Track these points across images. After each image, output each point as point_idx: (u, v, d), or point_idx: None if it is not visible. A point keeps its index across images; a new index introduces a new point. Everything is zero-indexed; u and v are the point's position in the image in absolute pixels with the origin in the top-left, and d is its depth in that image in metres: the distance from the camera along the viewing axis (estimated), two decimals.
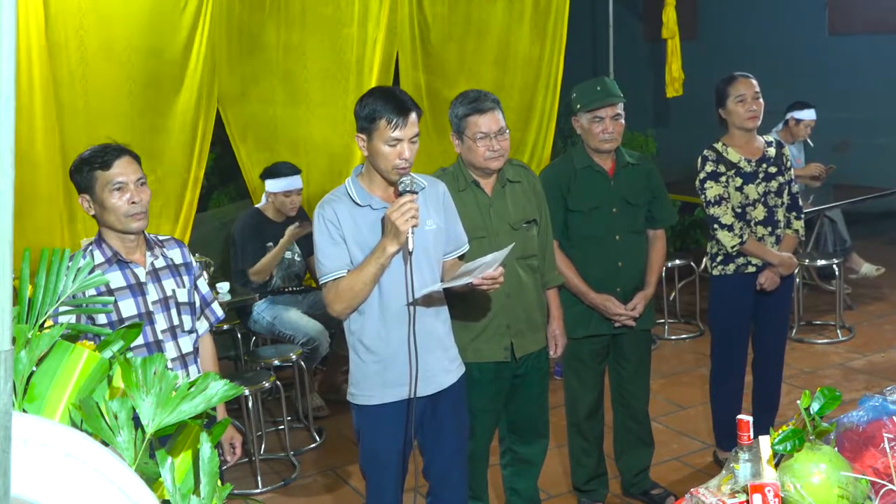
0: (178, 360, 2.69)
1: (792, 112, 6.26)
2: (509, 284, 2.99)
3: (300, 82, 5.60)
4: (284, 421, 4.60)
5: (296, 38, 5.52)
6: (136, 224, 2.59)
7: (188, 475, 1.03)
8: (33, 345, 0.99)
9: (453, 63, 6.22)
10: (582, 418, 3.70)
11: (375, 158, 2.61)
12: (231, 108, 5.40)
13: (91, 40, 4.74)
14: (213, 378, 1.01)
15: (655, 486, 3.85)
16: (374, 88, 2.72)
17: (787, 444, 1.78)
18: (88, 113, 4.79)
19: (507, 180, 3.20)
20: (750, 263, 3.86)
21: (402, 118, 2.55)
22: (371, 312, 2.69)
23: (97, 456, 0.88)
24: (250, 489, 4.17)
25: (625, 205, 3.54)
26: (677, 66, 6.76)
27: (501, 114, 3.10)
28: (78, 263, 1.12)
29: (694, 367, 5.38)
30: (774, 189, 3.85)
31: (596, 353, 3.65)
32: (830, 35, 8.77)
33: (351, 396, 2.80)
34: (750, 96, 3.76)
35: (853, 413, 1.92)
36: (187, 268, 2.78)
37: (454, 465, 2.89)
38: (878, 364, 5.25)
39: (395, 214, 2.49)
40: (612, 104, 3.45)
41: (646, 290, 3.61)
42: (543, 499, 3.64)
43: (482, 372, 3.15)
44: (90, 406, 0.96)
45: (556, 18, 6.50)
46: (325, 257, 2.65)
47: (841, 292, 5.98)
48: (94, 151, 2.59)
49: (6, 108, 0.74)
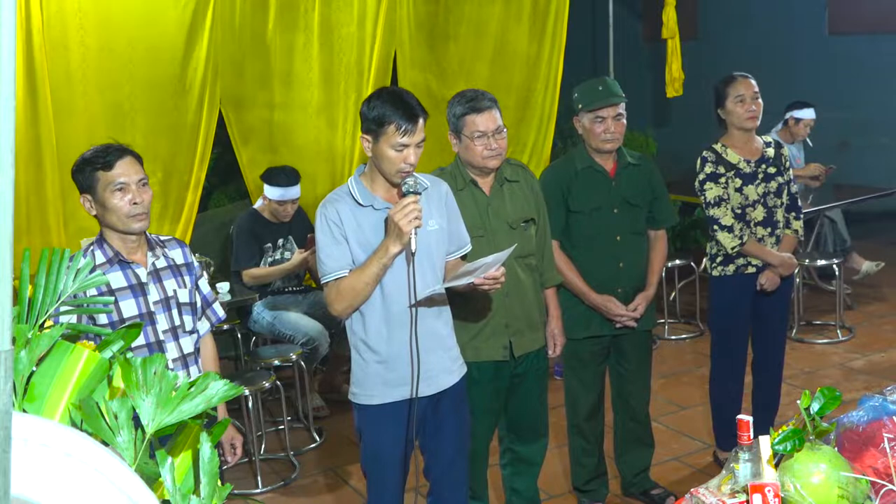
0: (180, 360, 2.69)
1: (791, 111, 6.27)
2: (508, 284, 2.98)
3: (301, 84, 5.60)
4: (284, 421, 4.60)
5: (297, 40, 5.52)
6: (138, 225, 2.59)
7: (188, 475, 1.03)
8: (33, 345, 0.99)
9: (452, 63, 6.21)
10: (582, 418, 3.70)
11: (380, 161, 2.61)
12: (234, 111, 5.40)
13: (91, 40, 4.74)
14: (213, 378, 1.01)
15: (655, 486, 3.85)
16: (382, 90, 2.69)
17: (787, 444, 1.78)
18: (89, 113, 4.79)
19: (505, 179, 3.21)
20: (750, 264, 3.86)
21: (411, 124, 2.55)
22: (373, 313, 2.69)
23: (97, 456, 0.88)
24: (250, 489, 4.18)
25: (626, 205, 3.54)
26: (677, 66, 6.75)
27: (499, 113, 3.10)
28: (78, 263, 1.12)
29: (694, 367, 5.38)
30: (774, 190, 3.85)
31: (596, 354, 3.65)
32: (830, 35, 8.77)
33: (352, 396, 2.80)
34: (749, 96, 3.76)
35: (853, 413, 1.92)
36: (189, 268, 2.78)
37: (455, 465, 2.90)
38: (878, 364, 5.25)
39: (399, 215, 2.49)
40: (613, 104, 3.44)
41: (647, 291, 3.61)
42: (543, 499, 3.64)
43: (481, 371, 3.15)
44: (90, 406, 0.96)
45: (555, 18, 6.50)
46: (326, 257, 2.65)
47: (841, 292, 5.98)
48: (97, 151, 2.59)
49: (6, 108, 0.74)
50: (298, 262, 4.74)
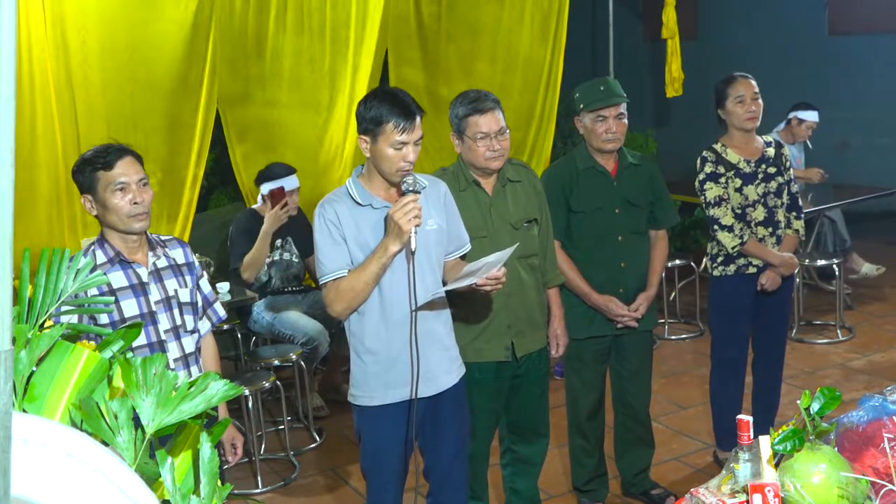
0: (181, 360, 2.69)
1: (796, 112, 6.27)
2: (510, 284, 2.98)
3: (299, 84, 5.60)
4: (284, 421, 4.60)
5: (296, 40, 5.52)
6: (139, 224, 2.59)
7: (188, 475, 1.03)
8: (33, 345, 0.99)
9: (452, 63, 6.21)
10: (583, 419, 3.70)
11: (378, 161, 2.61)
12: (230, 110, 5.40)
13: (93, 41, 4.74)
14: (213, 378, 1.02)
15: (655, 487, 3.85)
16: (378, 90, 2.71)
17: (787, 444, 1.78)
18: (89, 113, 4.79)
19: (507, 180, 3.21)
20: (750, 264, 3.86)
21: (408, 122, 2.55)
22: (372, 313, 2.68)
23: (97, 456, 0.88)
24: (250, 489, 4.18)
25: (627, 205, 3.54)
26: (677, 66, 6.75)
27: (501, 113, 3.10)
28: (78, 263, 1.12)
29: (694, 367, 5.38)
30: (774, 189, 3.85)
31: (598, 354, 3.65)
32: (830, 35, 8.77)
33: (352, 397, 2.80)
34: (749, 97, 3.76)
35: (853, 413, 1.92)
36: (190, 268, 2.78)
37: (455, 465, 2.89)
38: (878, 364, 5.25)
39: (398, 214, 2.49)
40: (615, 104, 3.45)
41: (648, 291, 3.61)
42: (543, 499, 3.64)
43: (483, 372, 3.15)
44: (90, 406, 0.96)
45: (556, 18, 6.50)
46: (325, 257, 2.65)
47: (841, 292, 5.97)
48: (97, 152, 2.59)
49: (6, 108, 0.75)
50: (272, 221, 4.69)
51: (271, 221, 4.69)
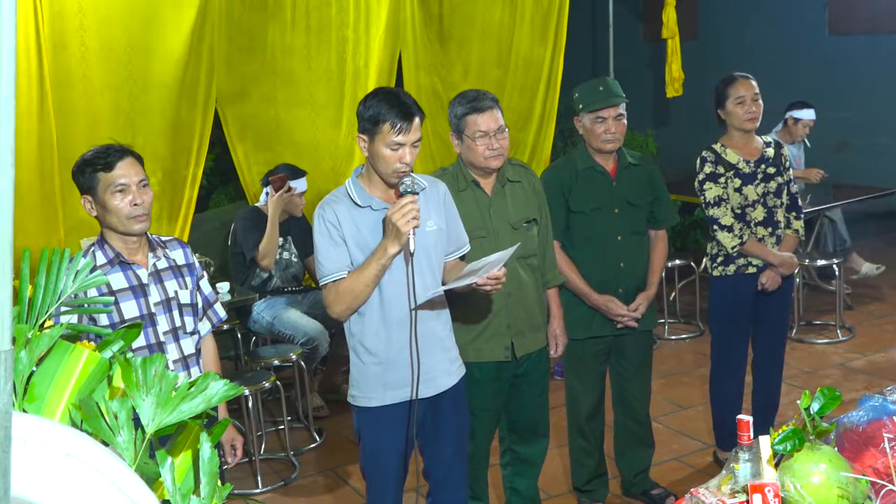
0: (180, 361, 2.68)
1: (791, 111, 6.26)
2: (510, 284, 2.99)
3: (300, 83, 5.60)
4: (284, 421, 4.60)
5: (296, 39, 5.52)
6: (139, 226, 2.58)
7: (188, 475, 1.03)
8: (33, 345, 0.99)
9: (454, 64, 6.21)
10: (583, 419, 3.70)
11: (376, 161, 2.61)
12: (229, 108, 5.40)
13: (91, 41, 4.73)
14: (213, 378, 1.01)
15: (655, 486, 3.85)
16: (379, 90, 2.70)
17: (787, 444, 1.78)
18: (89, 113, 4.79)
19: (507, 180, 3.20)
20: (750, 264, 3.86)
21: (406, 123, 2.54)
22: (372, 314, 2.68)
23: (97, 456, 0.88)
24: (250, 489, 4.17)
25: (627, 205, 3.54)
26: (677, 66, 6.76)
27: (500, 112, 3.10)
28: (78, 264, 1.12)
29: (694, 367, 5.38)
30: (773, 190, 3.85)
31: (597, 354, 3.65)
32: (830, 35, 8.77)
33: (352, 398, 2.80)
34: (749, 98, 3.76)
35: (853, 413, 1.92)
36: (190, 269, 2.77)
37: (455, 465, 2.89)
38: (878, 364, 5.25)
39: (397, 215, 2.48)
40: (614, 104, 3.45)
41: (648, 291, 3.61)
42: (543, 499, 3.64)
43: (482, 372, 3.15)
44: (90, 406, 0.96)
45: (556, 18, 6.50)
46: (325, 259, 2.65)
47: (841, 292, 5.98)
48: (97, 152, 2.58)
49: (6, 108, 0.75)
50: (276, 206, 4.68)
51: (275, 206, 4.69)
